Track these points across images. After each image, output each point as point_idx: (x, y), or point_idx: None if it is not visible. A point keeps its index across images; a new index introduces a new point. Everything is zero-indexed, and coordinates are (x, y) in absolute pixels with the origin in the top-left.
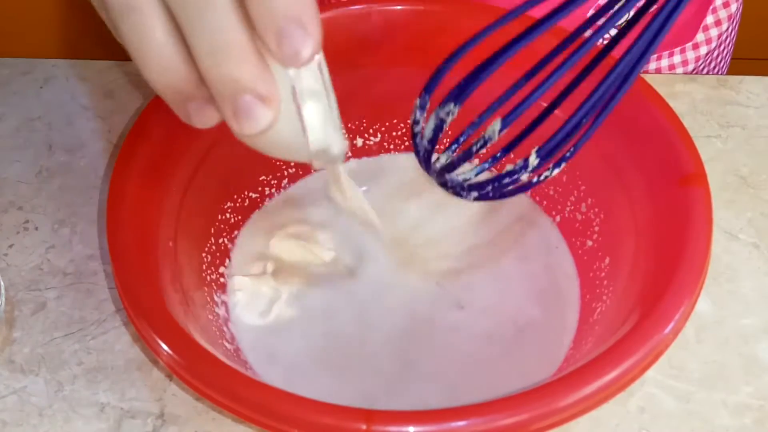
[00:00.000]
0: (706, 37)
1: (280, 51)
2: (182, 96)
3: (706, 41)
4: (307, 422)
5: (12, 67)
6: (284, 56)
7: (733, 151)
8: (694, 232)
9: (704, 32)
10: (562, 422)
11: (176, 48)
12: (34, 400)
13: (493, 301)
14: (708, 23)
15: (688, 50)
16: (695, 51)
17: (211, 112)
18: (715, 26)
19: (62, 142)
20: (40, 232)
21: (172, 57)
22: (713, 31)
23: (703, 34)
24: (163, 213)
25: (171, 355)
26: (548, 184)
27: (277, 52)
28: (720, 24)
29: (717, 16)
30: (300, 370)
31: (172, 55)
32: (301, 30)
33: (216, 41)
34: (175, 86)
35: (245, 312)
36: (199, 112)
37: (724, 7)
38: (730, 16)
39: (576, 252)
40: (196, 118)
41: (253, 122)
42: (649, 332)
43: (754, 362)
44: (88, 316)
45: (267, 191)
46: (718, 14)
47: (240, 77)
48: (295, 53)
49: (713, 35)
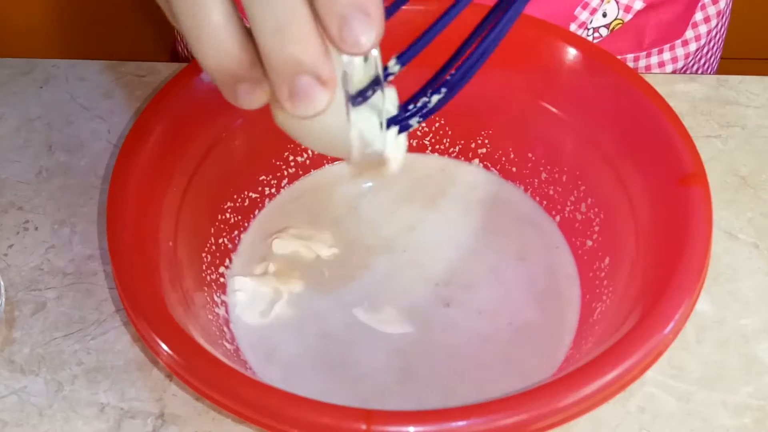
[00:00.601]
0: (695, 33)
1: (340, 37)
2: (233, 78)
3: (696, 38)
4: (306, 422)
5: (12, 67)
6: (345, 42)
7: (733, 151)
8: (694, 232)
9: (693, 29)
10: (562, 422)
11: (234, 29)
12: (34, 400)
13: (493, 302)
14: (697, 20)
15: (678, 47)
16: (685, 48)
17: (259, 94)
18: (704, 23)
19: (62, 142)
20: (40, 232)
21: (228, 39)
22: (702, 28)
23: (693, 30)
24: (163, 213)
25: (171, 355)
26: (548, 184)
27: (338, 37)
28: (709, 21)
29: (706, 12)
30: (299, 370)
31: (227, 37)
32: (364, 18)
33: (282, 21)
34: (227, 68)
35: (245, 312)
36: (249, 93)
37: (713, 3)
38: (719, 12)
39: (576, 252)
40: (244, 99)
41: (309, 104)
42: (649, 332)
43: (754, 362)
44: (88, 316)
45: (267, 191)
46: (707, 11)
47: (302, 58)
48: (355, 41)
49: (702, 32)
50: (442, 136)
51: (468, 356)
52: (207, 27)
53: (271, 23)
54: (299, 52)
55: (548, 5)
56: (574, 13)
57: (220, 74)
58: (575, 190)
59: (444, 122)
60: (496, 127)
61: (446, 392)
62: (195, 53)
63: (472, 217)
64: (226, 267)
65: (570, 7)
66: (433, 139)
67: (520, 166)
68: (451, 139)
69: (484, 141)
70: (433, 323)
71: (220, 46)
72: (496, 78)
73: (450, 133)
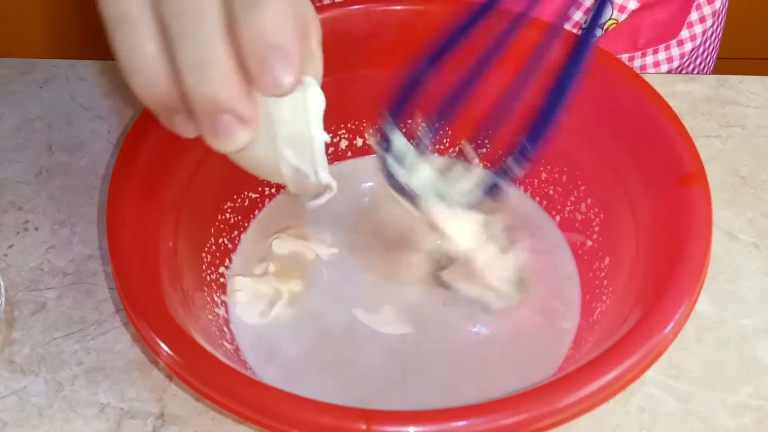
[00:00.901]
0: (690, 33)
1: (260, 79)
2: (167, 108)
3: (691, 38)
4: (306, 422)
5: (12, 67)
6: (264, 84)
7: (733, 151)
8: (694, 232)
9: (689, 29)
10: (562, 422)
11: (164, 61)
12: (34, 400)
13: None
14: (692, 20)
15: (673, 47)
16: (680, 48)
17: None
18: (699, 23)
19: (62, 142)
20: (40, 232)
21: (159, 70)
22: (698, 28)
23: (688, 30)
24: (163, 213)
25: (171, 355)
26: (548, 184)
27: (258, 79)
28: (704, 20)
29: (701, 12)
30: (299, 370)
31: (159, 68)
32: (283, 60)
33: (200, 58)
34: (160, 98)
35: (245, 312)
36: (185, 124)
37: (709, 3)
38: (714, 12)
39: (576, 252)
40: (181, 129)
41: (230, 141)
42: (649, 332)
43: (754, 362)
44: (88, 317)
45: (267, 191)
46: (702, 11)
47: (221, 97)
48: (274, 83)
49: (698, 32)
50: (442, 136)
51: (467, 356)
52: (139, 57)
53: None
54: (218, 90)
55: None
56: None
57: (154, 104)
58: (575, 190)
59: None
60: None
61: (446, 392)
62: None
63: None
64: (226, 267)
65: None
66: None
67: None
68: (451, 139)
69: (484, 141)
70: (432, 323)
71: (153, 77)
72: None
73: (450, 133)
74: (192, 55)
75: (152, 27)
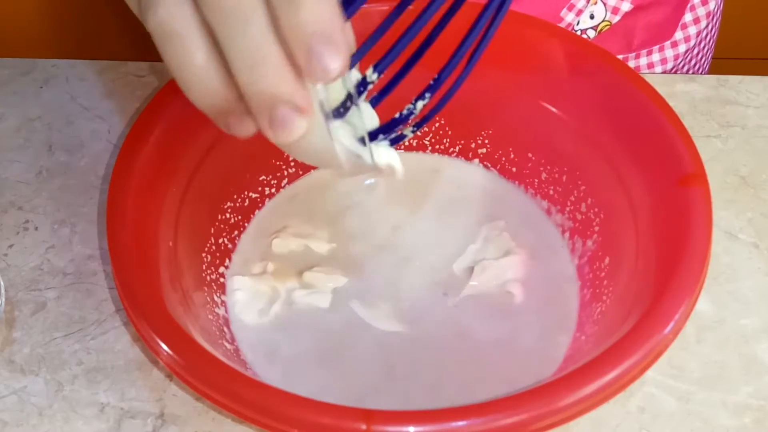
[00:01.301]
0: (684, 35)
1: (308, 68)
2: (223, 112)
3: (685, 39)
4: (306, 422)
5: (12, 67)
6: (313, 72)
7: (733, 151)
8: (694, 232)
9: (683, 30)
10: (562, 422)
11: (216, 69)
12: (34, 400)
13: (492, 302)
14: (686, 21)
15: (667, 48)
16: (674, 49)
17: (249, 124)
18: (693, 24)
19: (62, 142)
20: (40, 232)
21: (213, 79)
22: (692, 29)
23: (682, 32)
24: (163, 213)
25: (171, 355)
26: (548, 184)
27: (306, 68)
28: (698, 21)
29: (695, 13)
30: (299, 368)
31: (212, 77)
32: (329, 47)
33: (253, 58)
34: (215, 104)
35: (245, 312)
36: (239, 124)
37: (703, 4)
38: (708, 13)
39: (576, 252)
40: (236, 129)
41: (289, 131)
42: (649, 332)
43: (754, 362)
44: (88, 316)
45: (267, 191)
46: (697, 12)
47: (277, 90)
48: (323, 70)
49: (692, 33)
50: (442, 136)
51: (467, 355)
52: (192, 69)
53: (246, 61)
54: (274, 85)
55: (533, 7)
56: (560, 14)
57: (210, 110)
58: (575, 190)
59: (444, 122)
60: (496, 127)
61: (445, 391)
62: (186, 94)
63: (471, 217)
64: (226, 267)
65: (556, 8)
66: (433, 139)
67: (520, 166)
68: (451, 139)
69: (484, 141)
70: (431, 321)
71: (206, 86)
72: (496, 78)
73: (450, 133)
74: (244, 56)
75: (199, 36)
